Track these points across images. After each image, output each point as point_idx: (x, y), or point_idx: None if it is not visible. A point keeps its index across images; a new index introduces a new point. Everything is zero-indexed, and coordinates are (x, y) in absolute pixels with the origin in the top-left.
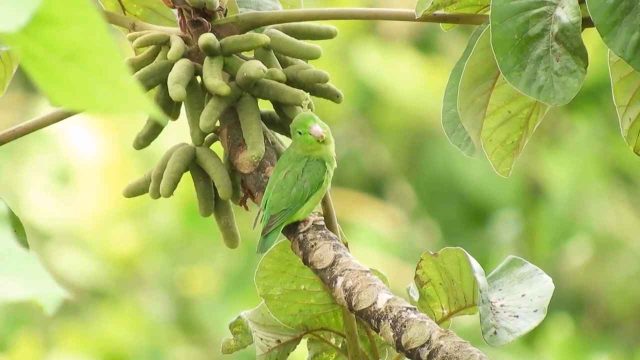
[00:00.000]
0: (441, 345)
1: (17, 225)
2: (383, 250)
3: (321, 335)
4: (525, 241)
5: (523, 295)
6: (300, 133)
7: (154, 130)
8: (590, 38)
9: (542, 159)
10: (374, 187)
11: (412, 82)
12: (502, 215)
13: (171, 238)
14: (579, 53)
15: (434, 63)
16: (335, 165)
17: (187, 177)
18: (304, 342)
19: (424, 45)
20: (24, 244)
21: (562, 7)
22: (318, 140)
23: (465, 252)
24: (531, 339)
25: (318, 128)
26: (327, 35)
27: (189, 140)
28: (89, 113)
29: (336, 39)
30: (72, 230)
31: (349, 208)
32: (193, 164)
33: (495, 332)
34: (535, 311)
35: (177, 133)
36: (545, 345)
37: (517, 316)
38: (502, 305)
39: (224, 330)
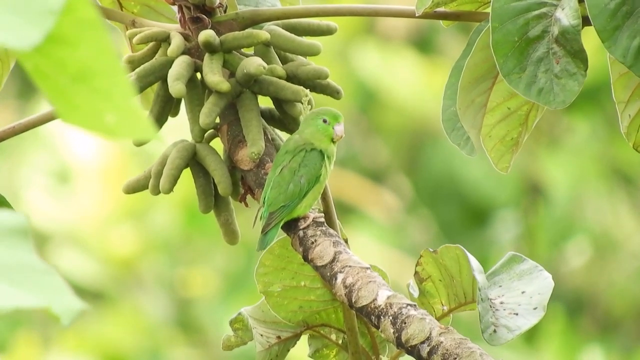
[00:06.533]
0: (441, 342)
1: None
2: (382, 243)
3: (322, 332)
4: (525, 242)
5: (523, 292)
6: (325, 121)
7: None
8: (589, 38)
9: (541, 159)
10: (374, 188)
11: (411, 82)
12: (502, 216)
13: (170, 239)
14: (579, 56)
15: (433, 63)
16: (332, 164)
17: (186, 177)
18: (304, 338)
19: (423, 45)
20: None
21: (563, 9)
22: (333, 139)
23: (464, 249)
24: (530, 337)
25: (343, 129)
26: (327, 31)
27: (189, 137)
28: (95, 135)
29: (335, 39)
30: (71, 231)
31: (349, 195)
32: (193, 161)
33: (494, 331)
34: (535, 309)
35: (177, 132)
36: (544, 345)
37: (517, 314)
38: (501, 303)
39: (224, 330)
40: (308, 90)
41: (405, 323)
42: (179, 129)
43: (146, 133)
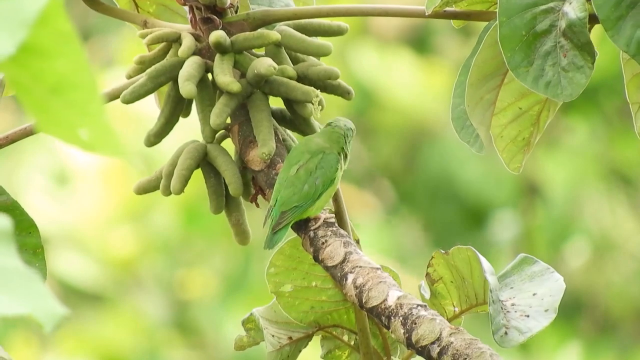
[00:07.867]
0: (452, 343)
1: (31, 227)
2: (379, 243)
3: (334, 333)
4: (523, 242)
5: (534, 294)
6: (352, 130)
7: (165, 127)
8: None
9: (539, 159)
10: (371, 188)
11: (408, 82)
12: (500, 216)
13: (170, 240)
14: (586, 49)
15: (431, 63)
16: (346, 165)
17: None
18: (315, 339)
19: (421, 45)
20: (38, 245)
21: (570, 3)
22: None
23: (476, 251)
24: (528, 340)
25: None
26: (337, 32)
27: (200, 138)
28: (71, 147)
29: (333, 39)
30: (71, 233)
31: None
32: (204, 161)
33: (506, 333)
34: (546, 311)
35: (183, 132)
36: (543, 347)
37: (528, 316)
38: (513, 305)
39: (222, 332)
40: (319, 90)
41: (415, 323)
42: (190, 129)
43: (117, 151)
